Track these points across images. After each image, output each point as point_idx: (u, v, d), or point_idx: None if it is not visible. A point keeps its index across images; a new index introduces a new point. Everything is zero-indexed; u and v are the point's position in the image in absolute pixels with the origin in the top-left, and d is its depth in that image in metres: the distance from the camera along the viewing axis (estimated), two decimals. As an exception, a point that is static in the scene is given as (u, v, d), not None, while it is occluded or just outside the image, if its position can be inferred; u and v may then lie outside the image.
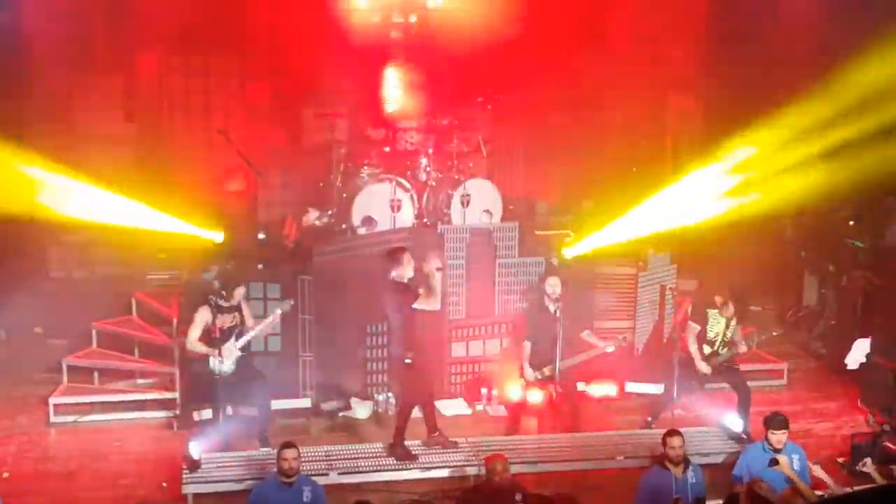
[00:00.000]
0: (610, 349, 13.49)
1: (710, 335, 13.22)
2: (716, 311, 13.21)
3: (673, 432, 11.32)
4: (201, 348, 12.66)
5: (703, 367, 13.17)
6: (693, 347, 13.18)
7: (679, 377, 12.99)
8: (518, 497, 10.73)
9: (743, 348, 13.30)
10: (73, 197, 14.65)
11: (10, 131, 14.75)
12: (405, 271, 12.52)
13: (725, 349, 13.22)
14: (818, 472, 11.20)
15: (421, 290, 12.45)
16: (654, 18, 17.38)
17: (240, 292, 12.80)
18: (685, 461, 11.22)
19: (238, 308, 12.82)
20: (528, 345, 13.31)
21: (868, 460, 11.41)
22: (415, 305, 12.44)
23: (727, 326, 13.21)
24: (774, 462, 11.20)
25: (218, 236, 15.10)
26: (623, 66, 17.42)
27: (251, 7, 16.24)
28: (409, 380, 12.65)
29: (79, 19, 16.36)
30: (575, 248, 15.11)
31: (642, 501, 11.16)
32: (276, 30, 15.97)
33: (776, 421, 11.49)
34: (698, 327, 13.22)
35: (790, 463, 11.27)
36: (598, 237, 15.01)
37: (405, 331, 12.46)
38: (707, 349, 13.22)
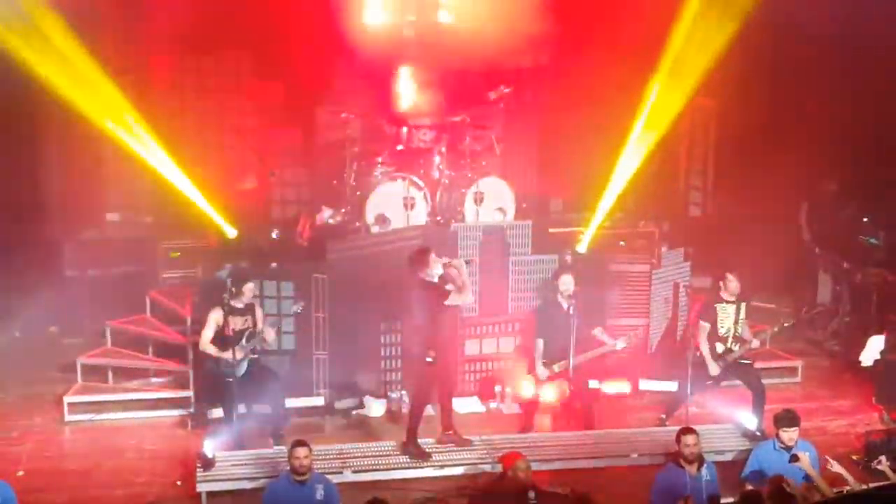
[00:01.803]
0: (619, 346, 13.46)
1: (722, 331, 13.18)
2: (723, 303, 13.18)
3: (687, 430, 11.29)
4: (213, 350, 12.70)
5: (714, 369, 13.14)
6: (705, 348, 13.15)
7: (693, 374, 12.97)
8: (531, 495, 10.72)
9: (755, 343, 13.27)
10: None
11: (24, 131, 14.87)
12: (433, 270, 12.56)
13: (738, 345, 13.19)
14: (836, 467, 11.13)
15: (450, 287, 12.48)
16: (669, 17, 17.31)
17: (249, 288, 12.81)
18: (700, 459, 11.19)
19: (251, 310, 12.84)
20: (540, 342, 13.30)
21: (883, 458, 11.34)
22: (447, 302, 12.51)
23: (736, 321, 13.18)
24: (795, 458, 11.12)
25: (231, 234, 15.14)
26: (637, 64, 17.36)
27: (264, 6, 16.23)
28: (428, 378, 12.67)
29: (91, 19, 16.37)
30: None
31: (657, 499, 11.13)
32: (289, 28, 15.95)
33: (787, 418, 11.45)
34: (708, 325, 13.20)
35: (803, 460, 11.24)
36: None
37: (432, 329, 12.52)
38: (720, 347, 13.19)
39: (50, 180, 16.51)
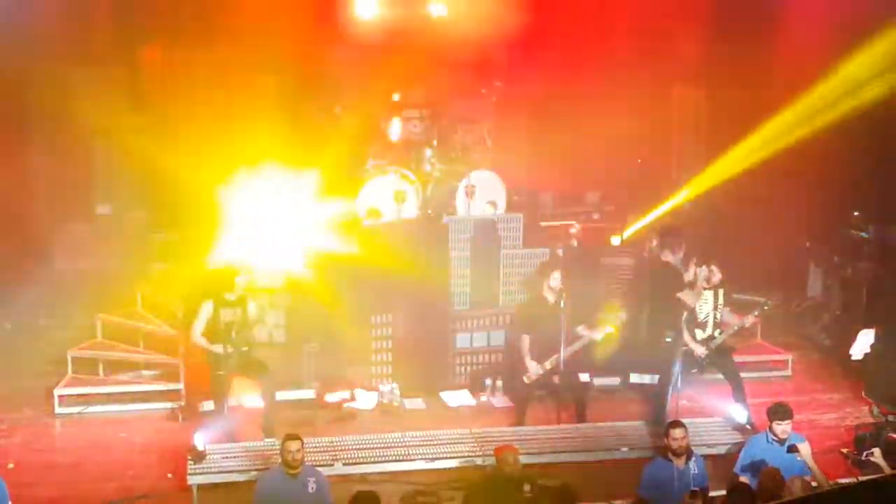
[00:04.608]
0: (598, 337, 13.43)
1: (701, 316, 13.17)
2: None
3: (675, 423, 11.30)
4: (203, 342, 12.69)
5: (699, 349, 13.13)
6: (686, 334, 13.15)
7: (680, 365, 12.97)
8: (526, 488, 10.73)
9: (748, 321, 13.25)
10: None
11: (13, 124, 14.83)
12: (679, 257, 12.92)
13: (718, 331, 13.18)
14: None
15: (689, 278, 12.74)
16: (659, 9, 17.34)
17: (241, 281, 12.79)
18: (688, 452, 11.20)
19: (243, 303, 12.82)
20: (526, 338, 13.28)
21: (877, 450, 11.25)
22: (679, 295, 12.79)
23: (715, 307, 13.17)
24: (793, 449, 11.09)
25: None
26: (628, 58, 17.40)
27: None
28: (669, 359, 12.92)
29: (82, 11, 16.36)
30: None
31: (644, 492, 11.16)
32: (280, 22, 15.93)
33: (781, 411, 11.41)
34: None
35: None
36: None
37: (673, 311, 12.78)
38: (700, 333, 13.17)
39: (41, 172, 16.50)
